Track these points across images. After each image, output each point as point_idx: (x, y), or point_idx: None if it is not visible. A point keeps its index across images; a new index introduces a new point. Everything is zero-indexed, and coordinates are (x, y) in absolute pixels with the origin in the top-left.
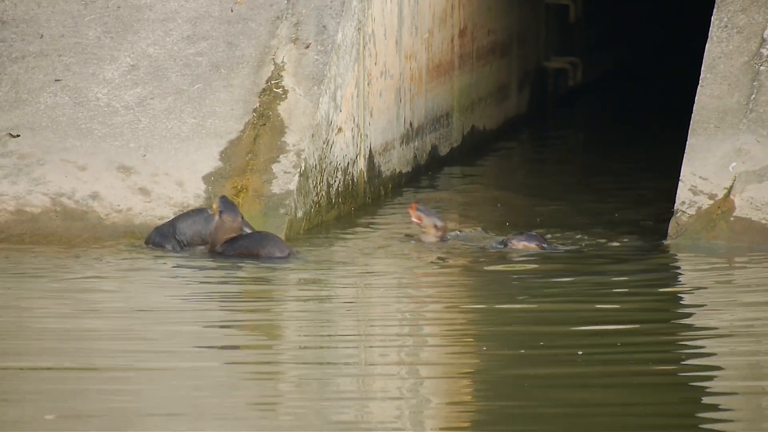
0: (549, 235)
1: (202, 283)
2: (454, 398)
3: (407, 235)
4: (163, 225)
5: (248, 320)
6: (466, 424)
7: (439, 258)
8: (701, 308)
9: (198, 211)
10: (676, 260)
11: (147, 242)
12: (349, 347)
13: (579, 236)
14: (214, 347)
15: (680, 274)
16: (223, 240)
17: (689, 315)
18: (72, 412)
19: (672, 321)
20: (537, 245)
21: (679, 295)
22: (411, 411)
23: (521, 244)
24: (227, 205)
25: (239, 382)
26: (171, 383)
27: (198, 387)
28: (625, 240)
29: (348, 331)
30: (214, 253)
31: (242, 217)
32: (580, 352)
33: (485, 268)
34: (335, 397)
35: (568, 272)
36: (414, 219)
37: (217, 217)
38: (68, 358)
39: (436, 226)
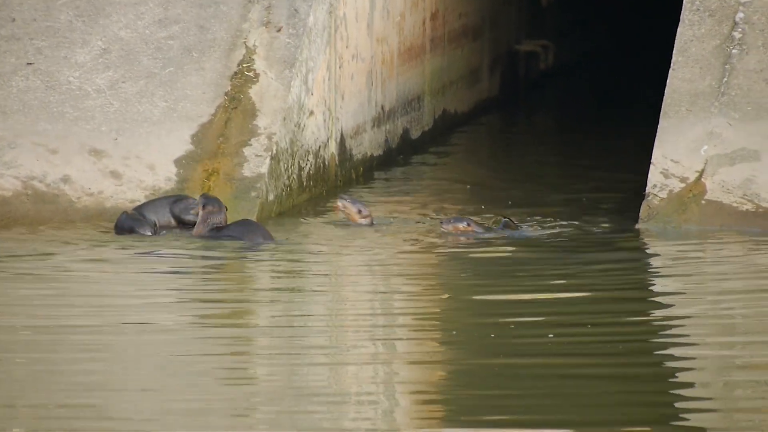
0: (526, 221)
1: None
2: (424, 384)
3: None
4: (135, 210)
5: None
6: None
7: (411, 240)
8: (672, 295)
9: (171, 198)
10: (647, 244)
11: (119, 227)
12: (321, 328)
13: (549, 219)
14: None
15: (650, 257)
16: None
17: (659, 298)
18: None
19: (642, 304)
20: (466, 226)
21: (649, 278)
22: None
23: (450, 226)
24: (211, 199)
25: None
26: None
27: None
28: (597, 223)
29: (319, 313)
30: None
31: (226, 210)
32: (551, 335)
33: (450, 250)
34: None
35: (538, 254)
36: (340, 207)
37: (201, 212)
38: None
39: (360, 212)
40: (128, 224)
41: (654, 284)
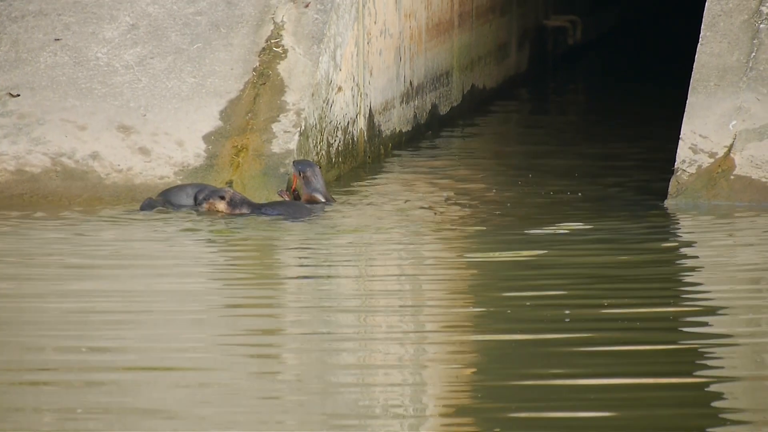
0: (552, 198)
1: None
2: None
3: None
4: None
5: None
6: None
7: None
8: (700, 270)
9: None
10: (676, 219)
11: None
12: (350, 312)
13: (577, 195)
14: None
15: (679, 232)
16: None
17: (687, 275)
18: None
19: (670, 281)
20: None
21: (677, 253)
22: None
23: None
24: (305, 164)
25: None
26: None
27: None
28: (625, 199)
29: (350, 294)
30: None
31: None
32: (567, 312)
33: (479, 227)
34: (337, 365)
35: (569, 229)
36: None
37: (299, 179)
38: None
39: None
40: (157, 205)
41: (682, 259)
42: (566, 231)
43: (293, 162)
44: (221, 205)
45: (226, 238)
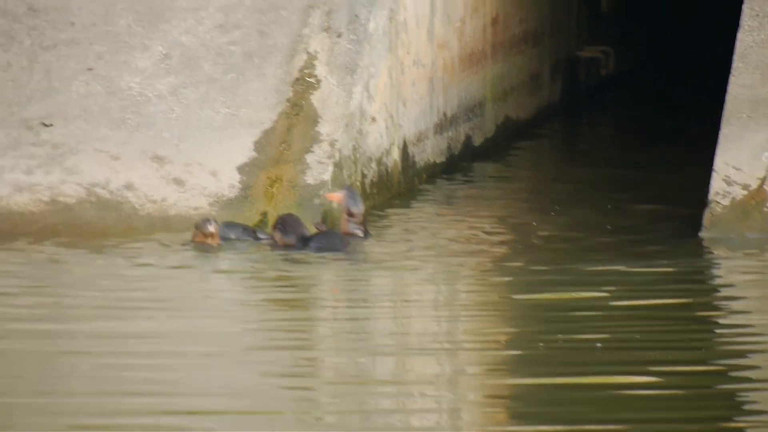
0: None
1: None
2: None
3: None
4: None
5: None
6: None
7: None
8: (734, 300)
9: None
10: (710, 252)
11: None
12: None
13: (611, 227)
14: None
15: (714, 265)
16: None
17: (722, 307)
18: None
19: (704, 312)
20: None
21: (712, 287)
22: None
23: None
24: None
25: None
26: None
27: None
28: (660, 231)
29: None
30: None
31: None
32: (598, 345)
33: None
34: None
35: (601, 262)
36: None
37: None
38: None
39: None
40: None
41: (718, 293)
42: (603, 269)
43: (346, 187)
44: (277, 234)
45: (264, 276)
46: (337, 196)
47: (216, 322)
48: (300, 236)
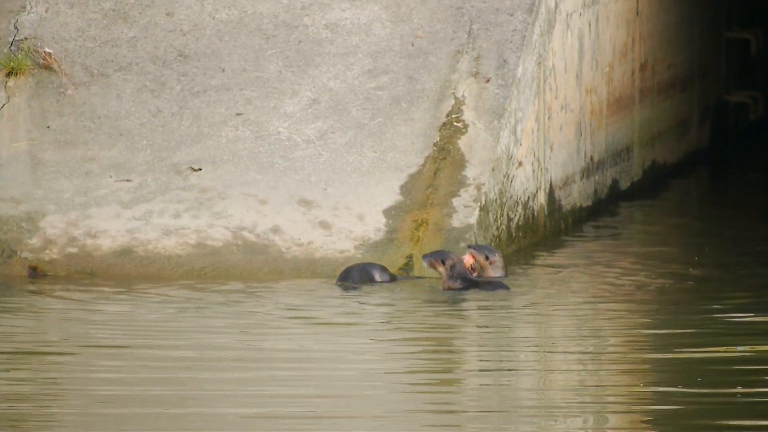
0: (725, 281)
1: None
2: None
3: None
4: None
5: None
6: None
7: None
8: None
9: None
10: None
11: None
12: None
13: (754, 280)
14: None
15: None
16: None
17: None
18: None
19: None
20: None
21: None
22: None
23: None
24: (483, 248)
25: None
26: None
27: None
28: None
29: (530, 366)
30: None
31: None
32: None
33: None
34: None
35: (745, 316)
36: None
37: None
38: None
39: (488, 259)
40: (360, 276)
41: None
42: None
43: (468, 247)
44: (440, 269)
45: (411, 325)
46: (467, 259)
47: None
48: (469, 280)
